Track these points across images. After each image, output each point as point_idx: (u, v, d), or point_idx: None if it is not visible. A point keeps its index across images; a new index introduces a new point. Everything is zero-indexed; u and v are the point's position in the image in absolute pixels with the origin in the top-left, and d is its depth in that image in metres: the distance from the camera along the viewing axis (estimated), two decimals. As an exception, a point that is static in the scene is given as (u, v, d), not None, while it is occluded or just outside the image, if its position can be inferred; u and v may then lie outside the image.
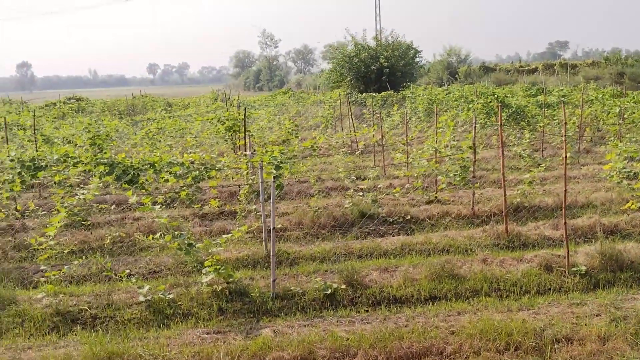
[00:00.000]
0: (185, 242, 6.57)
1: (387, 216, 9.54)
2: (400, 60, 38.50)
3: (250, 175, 10.14)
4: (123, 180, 8.79)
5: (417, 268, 7.12)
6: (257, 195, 9.56)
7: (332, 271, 7.18)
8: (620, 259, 6.95)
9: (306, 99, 32.92)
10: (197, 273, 7.21)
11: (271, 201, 6.78)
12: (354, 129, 17.72)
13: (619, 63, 42.25)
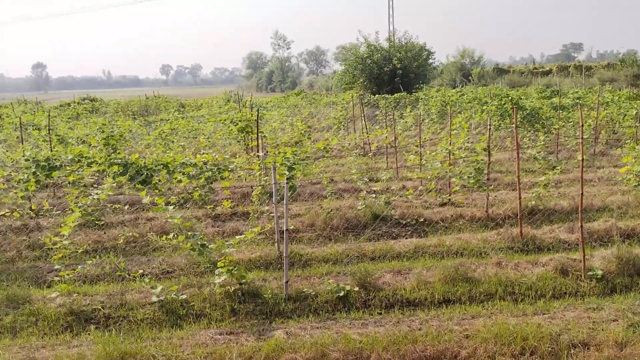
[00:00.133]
0: (198, 242, 6.57)
1: (400, 218, 9.48)
2: (413, 61, 38.28)
3: (262, 177, 10.14)
4: (136, 180, 8.81)
5: (431, 271, 7.07)
6: (270, 196, 9.54)
7: (344, 273, 7.15)
8: (638, 263, 6.85)
9: (318, 100, 32.88)
10: (210, 274, 7.21)
11: (284, 202, 6.76)
12: (367, 131, 17.68)
13: (634, 65, 41.74)
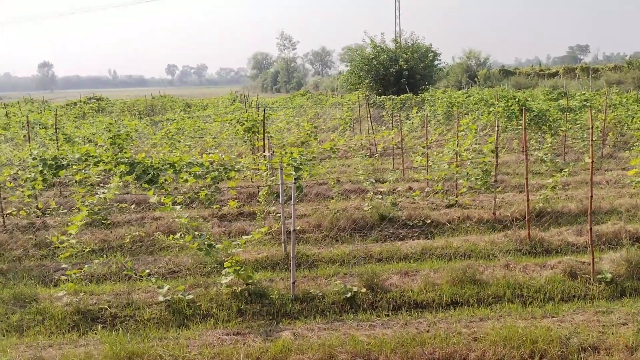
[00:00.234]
0: (206, 242, 6.55)
1: (407, 219, 9.43)
2: (419, 62, 38.20)
3: (269, 177, 10.12)
4: (143, 180, 8.79)
5: (438, 272, 7.03)
6: (276, 196, 9.53)
7: (351, 274, 7.11)
8: (648, 267, 6.80)
9: (324, 101, 32.83)
10: (216, 274, 7.20)
11: (292, 203, 6.74)
12: (373, 132, 17.64)
13: (642, 67, 41.61)
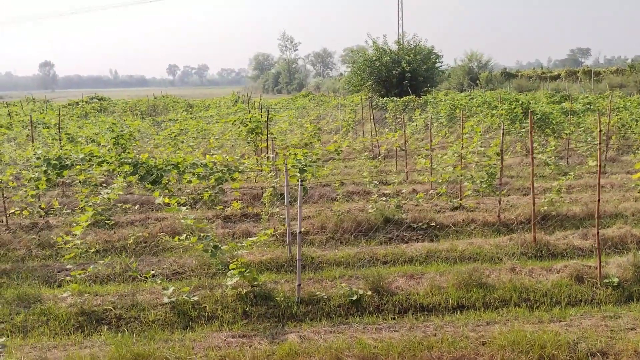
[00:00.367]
0: (211, 244, 6.52)
1: (411, 222, 9.40)
2: (422, 64, 38.17)
3: (273, 178, 10.08)
4: (147, 180, 8.77)
5: (444, 276, 7.00)
6: (281, 198, 9.50)
7: (357, 277, 7.08)
8: (655, 271, 6.76)
9: (327, 102, 32.81)
10: (221, 275, 7.15)
11: (298, 204, 6.70)
12: (376, 133, 17.60)
13: (644, 71, 41.58)
